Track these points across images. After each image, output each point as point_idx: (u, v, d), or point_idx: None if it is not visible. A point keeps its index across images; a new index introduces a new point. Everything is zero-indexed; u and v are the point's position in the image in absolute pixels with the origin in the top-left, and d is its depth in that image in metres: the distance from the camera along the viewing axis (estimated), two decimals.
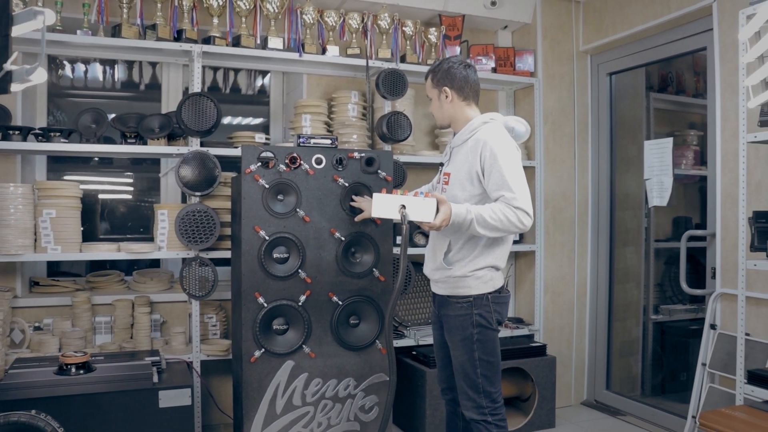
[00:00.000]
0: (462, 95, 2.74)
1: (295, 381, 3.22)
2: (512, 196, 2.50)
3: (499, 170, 2.53)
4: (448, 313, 2.72)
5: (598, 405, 4.54)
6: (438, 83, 2.74)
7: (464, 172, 2.65)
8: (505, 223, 2.49)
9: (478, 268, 2.65)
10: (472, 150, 2.63)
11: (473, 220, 2.46)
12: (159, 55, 3.72)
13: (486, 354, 2.68)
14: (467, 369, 2.68)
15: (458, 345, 2.69)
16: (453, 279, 2.68)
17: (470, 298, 2.65)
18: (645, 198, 4.59)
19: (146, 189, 4.50)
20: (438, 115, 2.81)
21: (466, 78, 2.74)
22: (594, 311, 4.62)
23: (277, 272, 3.17)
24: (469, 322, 2.65)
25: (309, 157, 3.24)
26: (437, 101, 2.77)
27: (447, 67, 2.73)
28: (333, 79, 4.20)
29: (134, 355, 3.31)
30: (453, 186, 2.69)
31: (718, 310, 3.53)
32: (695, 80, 4.94)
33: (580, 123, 4.59)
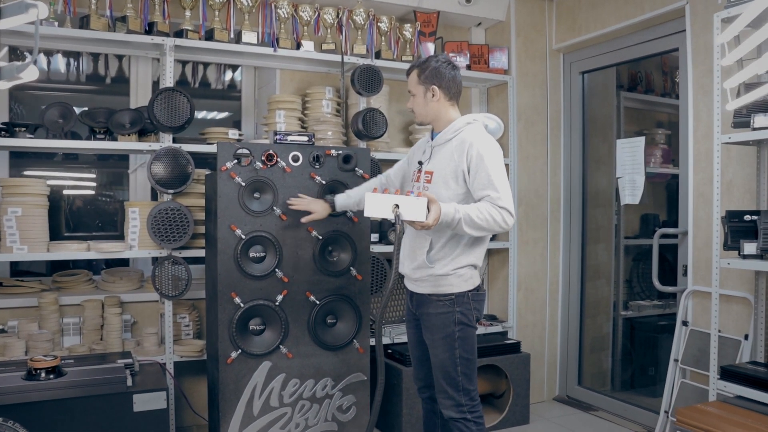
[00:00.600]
0: (449, 95, 2.74)
1: (272, 382, 3.17)
2: (497, 195, 2.53)
3: (485, 170, 2.55)
4: (428, 311, 2.72)
5: (571, 400, 4.59)
6: (426, 81, 2.73)
7: (449, 170, 2.65)
8: (490, 223, 2.51)
9: (460, 266, 2.67)
10: (458, 150, 2.64)
11: (461, 219, 2.47)
12: (129, 48, 3.61)
13: (466, 352, 2.70)
14: (448, 367, 2.69)
15: (439, 343, 2.69)
16: (435, 277, 2.67)
17: (452, 296, 2.67)
18: (615, 195, 4.66)
19: (112, 185, 4.38)
20: (421, 113, 2.79)
21: (454, 78, 2.75)
22: (566, 308, 4.67)
23: (254, 271, 3.12)
24: (451, 320, 2.66)
25: (285, 155, 3.19)
26: (422, 98, 2.76)
27: (436, 66, 2.71)
28: (307, 74, 4.14)
29: (105, 357, 3.21)
30: (437, 184, 2.67)
31: (690, 307, 3.59)
32: (663, 80, 5.02)
33: (552, 121, 4.62)
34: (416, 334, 2.87)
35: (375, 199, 2.40)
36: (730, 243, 2.97)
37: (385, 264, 3.82)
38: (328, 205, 3.08)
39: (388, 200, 2.39)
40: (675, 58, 4.78)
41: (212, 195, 3.18)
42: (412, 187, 2.82)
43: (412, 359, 2.96)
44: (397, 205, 2.38)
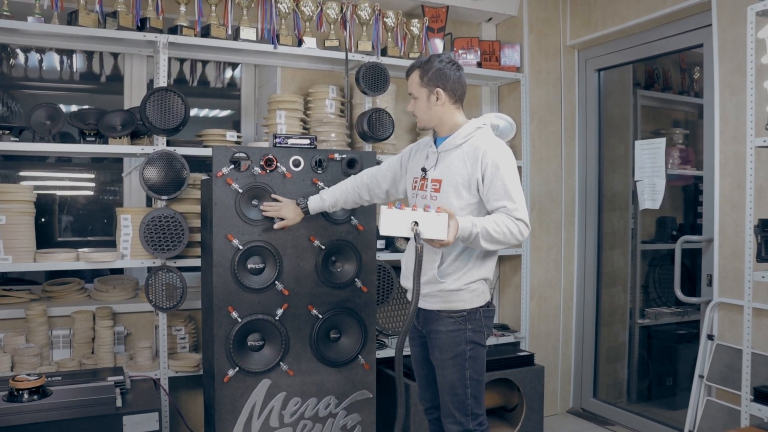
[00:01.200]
0: (454, 98, 2.55)
1: (272, 401, 2.98)
2: (514, 207, 2.38)
3: (501, 180, 2.39)
4: (437, 328, 2.53)
5: (585, 413, 4.39)
6: (429, 83, 2.52)
7: (461, 179, 2.46)
8: (507, 236, 2.35)
9: (472, 280, 2.50)
10: (470, 157, 2.46)
11: (478, 234, 2.31)
12: (120, 45, 3.42)
13: (477, 373, 2.54)
14: (457, 389, 2.51)
15: (448, 363, 2.51)
16: (445, 293, 2.49)
17: (464, 313, 2.49)
18: (632, 199, 4.45)
19: (108, 188, 4.20)
20: (423, 117, 2.59)
21: (459, 80, 2.56)
22: (581, 316, 4.46)
23: (252, 284, 2.93)
24: (462, 339, 2.49)
25: (286, 159, 2.99)
26: (425, 102, 2.55)
27: (440, 67, 2.51)
28: (309, 72, 3.94)
29: (96, 374, 3.02)
30: (447, 194, 2.48)
31: (716, 320, 3.38)
32: (682, 77, 4.81)
33: (567, 121, 4.40)
34: (422, 352, 2.68)
35: (391, 215, 2.21)
36: (764, 254, 2.76)
37: (392, 272, 3.62)
38: (300, 209, 2.89)
39: (407, 217, 2.20)
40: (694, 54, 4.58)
41: (208, 202, 2.99)
42: (415, 195, 2.62)
43: (418, 378, 2.77)
44: (416, 222, 2.19)
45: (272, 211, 2.89)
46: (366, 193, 2.84)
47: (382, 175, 2.82)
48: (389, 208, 2.21)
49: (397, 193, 2.83)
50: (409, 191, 2.68)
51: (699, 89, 4.71)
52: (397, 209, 2.21)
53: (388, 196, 2.84)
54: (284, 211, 2.87)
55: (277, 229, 2.91)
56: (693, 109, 4.95)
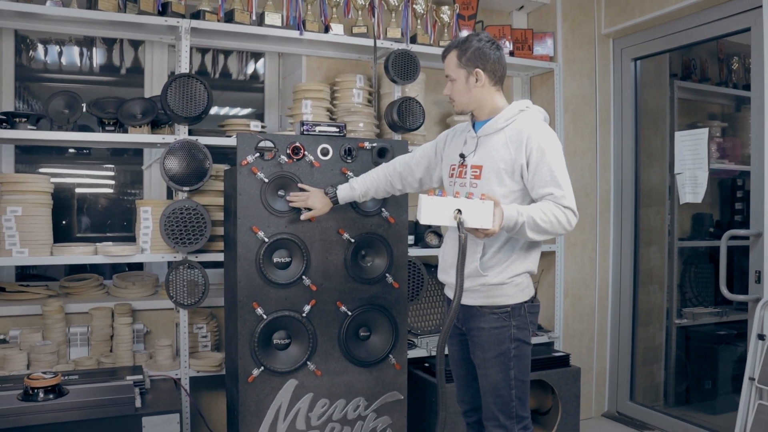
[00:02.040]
0: (494, 79, 2.39)
1: (298, 402, 2.83)
2: (561, 194, 2.22)
3: (547, 165, 2.23)
4: (479, 325, 2.37)
5: (621, 417, 4.20)
6: (467, 63, 2.36)
7: (503, 164, 2.30)
8: (554, 225, 2.19)
9: (516, 273, 2.34)
10: (514, 141, 2.29)
11: (524, 223, 2.14)
12: (141, 31, 3.29)
13: (522, 373, 2.38)
14: (501, 390, 2.35)
15: (492, 362, 2.35)
16: (488, 287, 2.33)
17: (508, 308, 2.33)
18: (668, 194, 4.26)
19: (128, 182, 4.09)
20: (462, 100, 2.42)
21: (500, 60, 2.40)
22: (616, 315, 4.27)
23: (278, 279, 2.78)
24: (506, 336, 2.33)
25: (314, 147, 2.85)
26: (463, 84, 2.39)
27: (479, 46, 2.35)
28: (335, 61, 3.80)
29: (114, 373, 2.89)
30: (488, 180, 2.32)
31: (767, 319, 3.19)
32: (720, 68, 4.61)
33: (602, 112, 4.23)
34: (461, 351, 2.52)
35: (433, 203, 2.05)
36: None
37: (423, 269, 3.47)
38: (329, 199, 2.74)
39: (449, 204, 2.04)
40: (732, 44, 4.39)
41: (232, 193, 2.85)
42: (453, 183, 2.45)
43: (456, 379, 2.61)
44: (459, 210, 2.04)
45: (299, 202, 2.75)
46: (398, 181, 2.69)
47: (415, 162, 2.67)
48: (430, 195, 2.06)
49: (431, 181, 2.67)
50: (446, 179, 2.52)
51: (737, 80, 4.54)
52: (439, 196, 2.06)
53: (421, 184, 2.69)
54: (312, 201, 2.73)
55: (304, 220, 2.77)
56: (730, 101, 4.75)
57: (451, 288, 2.49)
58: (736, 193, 4.51)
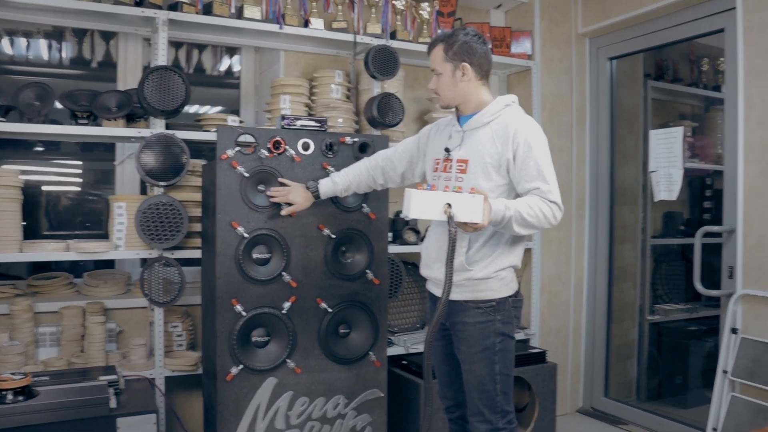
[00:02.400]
0: (480, 73, 2.38)
1: (278, 401, 2.79)
2: (548, 188, 2.23)
3: (534, 159, 2.24)
4: (464, 320, 2.36)
5: (596, 413, 4.23)
6: (454, 57, 2.35)
7: (490, 159, 2.29)
8: (540, 220, 2.20)
9: (501, 268, 2.34)
10: (500, 135, 2.29)
11: (512, 217, 2.14)
12: (116, 22, 3.21)
13: (506, 367, 2.38)
14: (486, 385, 2.35)
15: (477, 357, 2.35)
16: (473, 281, 2.32)
17: (493, 303, 2.33)
18: (642, 192, 4.31)
19: (98, 179, 3.98)
20: (447, 94, 2.41)
21: (486, 54, 2.39)
22: (591, 312, 4.31)
23: (258, 275, 2.74)
24: (491, 330, 2.33)
25: (294, 142, 2.81)
26: (450, 77, 2.38)
27: (465, 40, 2.34)
28: (313, 57, 3.75)
29: (86, 373, 2.81)
30: (474, 175, 2.31)
31: (739, 313, 3.24)
32: (691, 69, 4.69)
33: (578, 111, 4.26)
34: (445, 347, 2.51)
35: (422, 197, 2.03)
36: None
37: (401, 266, 3.45)
38: (311, 194, 2.70)
39: (439, 198, 2.03)
40: (703, 46, 4.47)
41: (210, 188, 2.80)
42: (437, 178, 2.44)
43: (439, 375, 2.59)
44: (449, 204, 2.02)
45: (280, 196, 2.70)
46: (380, 176, 2.67)
47: (398, 157, 2.65)
48: (419, 189, 2.04)
49: (413, 176, 2.66)
50: (430, 174, 2.50)
51: (708, 81, 4.62)
52: (428, 190, 2.04)
53: (403, 179, 2.67)
54: (293, 196, 2.69)
55: (285, 215, 2.73)
56: (700, 102, 4.84)
57: (434, 283, 2.48)
58: (706, 192, 4.60)
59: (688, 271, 4.22)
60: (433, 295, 2.51)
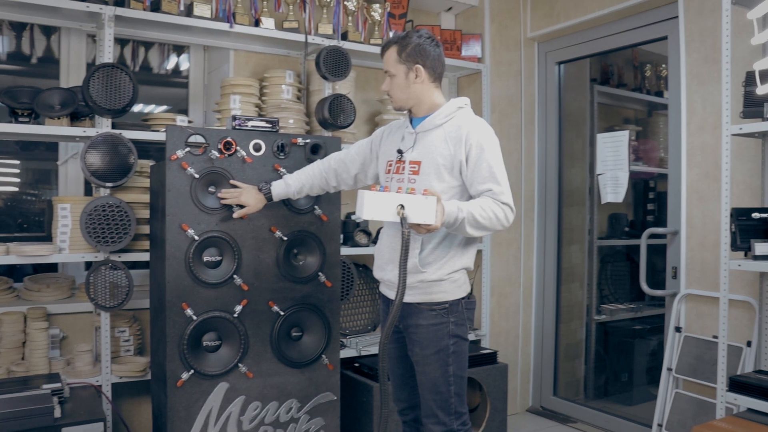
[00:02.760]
0: (433, 75, 2.40)
1: (230, 406, 2.74)
2: (500, 190, 2.24)
3: (486, 161, 2.26)
4: (417, 322, 2.36)
5: (545, 412, 4.31)
6: (407, 59, 2.36)
7: (442, 160, 2.31)
8: (493, 221, 2.22)
9: (454, 270, 2.35)
10: (453, 137, 2.31)
11: (464, 219, 2.16)
12: (59, 17, 3.10)
13: (460, 369, 2.39)
14: (440, 387, 2.35)
15: (430, 359, 2.35)
16: (426, 284, 2.33)
17: (446, 305, 2.34)
18: (588, 194, 4.41)
19: (37, 180, 3.84)
20: (400, 96, 2.41)
21: (439, 57, 2.42)
22: (540, 313, 4.39)
23: (209, 278, 2.68)
24: (445, 332, 2.34)
25: (246, 143, 2.77)
26: (403, 79, 2.38)
27: (419, 42, 2.36)
28: (263, 57, 3.71)
29: (28, 381, 2.70)
30: (427, 176, 2.32)
31: (683, 312, 3.35)
32: (634, 74, 4.83)
33: (527, 114, 4.33)
34: (398, 349, 2.51)
35: (375, 198, 2.03)
36: (739, 243, 2.72)
37: (353, 269, 3.43)
38: (263, 195, 2.67)
39: (392, 200, 2.02)
40: (646, 53, 4.60)
41: (159, 189, 2.73)
42: (390, 179, 2.44)
43: (393, 377, 2.59)
44: (402, 206, 2.02)
45: (231, 198, 2.66)
46: (333, 178, 2.65)
47: (350, 159, 2.64)
48: (372, 190, 2.04)
49: (366, 178, 2.65)
50: (383, 176, 2.50)
51: (650, 86, 4.76)
52: (381, 192, 2.04)
53: (356, 181, 2.66)
54: (244, 198, 2.65)
55: (237, 218, 2.68)
56: (643, 106, 4.99)
57: (387, 285, 2.48)
58: (649, 194, 4.74)
59: (633, 271, 4.35)
60: (386, 298, 2.51)
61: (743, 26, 2.89)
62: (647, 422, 3.57)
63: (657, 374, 3.44)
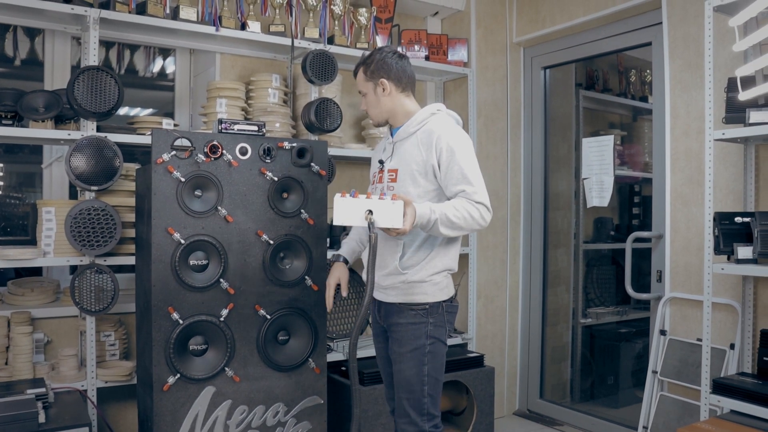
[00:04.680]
0: (400, 86, 2.49)
1: (216, 410, 2.72)
2: (473, 190, 2.30)
3: (457, 164, 2.31)
4: (398, 321, 2.42)
5: (532, 415, 4.32)
6: (372, 76, 2.47)
7: (416, 166, 2.39)
8: (468, 221, 2.27)
9: (435, 272, 2.40)
10: (425, 143, 2.38)
11: (437, 220, 2.21)
12: (43, 19, 3.08)
13: (435, 370, 2.43)
14: (414, 386, 2.39)
15: (406, 357, 2.40)
16: (407, 284, 2.39)
17: (425, 306, 2.40)
18: (574, 198, 4.44)
19: (20, 183, 3.80)
20: (375, 112, 2.52)
21: (403, 68, 2.50)
22: (526, 316, 4.41)
23: (195, 282, 2.67)
24: (422, 332, 2.39)
25: (232, 146, 2.76)
26: (373, 95, 2.50)
27: (380, 57, 2.47)
28: (250, 60, 3.71)
29: (12, 386, 2.68)
30: (404, 182, 2.41)
31: (668, 315, 3.38)
32: (619, 80, 4.87)
33: (513, 118, 4.36)
34: (386, 348, 2.56)
35: (345, 204, 2.10)
36: (722, 247, 2.75)
37: None
38: (342, 263, 2.68)
39: (360, 205, 2.09)
40: (631, 58, 4.65)
41: (145, 192, 2.71)
42: (374, 189, 2.53)
43: (384, 377, 2.65)
44: (370, 211, 2.09)
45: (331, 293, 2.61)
46: None
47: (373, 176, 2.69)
48: (342, 196, 2.09)
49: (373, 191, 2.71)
50: (370, 186, 2.63)
51: (635, 92, 4.81)
52: (351, 197, 2.09)
53: None
54: (333, 279, 2.62)
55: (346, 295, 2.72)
56: (628, 111, 5.03)
57: (377, 288, 2.52)
58: (634, 199, 4.78)
59: (618, 275, 4.38)
60: (374, 299, 2.55)
61: (725, 33, 2.93)
62: (633, 424, 3.59)
63: (642, 377, 3.46)
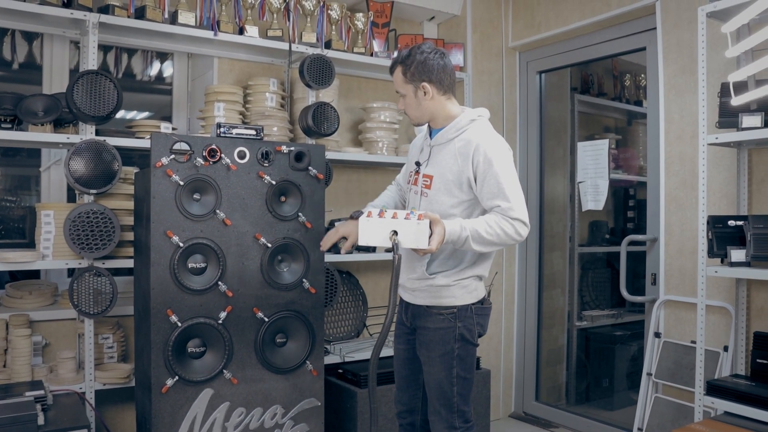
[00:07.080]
0: (442, 89, 2.42)
1: (214, 412, 2.74)
2: (508, 206, 2.25)
3: (494, 177, 2.27)
4: (426, 325, 2.42)
5: (528, 417, 4.35)
6: (413, 78, 2.39)
7: (452, 176, 2.36)
8: (501, 237, 2.24)
9: (464, 277, 2.39)
10: (462, 152, 2.34)
11: (468, 237, 2.20)
12: (42, 23, 3.10)
13: (464, 371, 2.43)
14: (444, 386, 2.41)
15: (436, 361, 2.40)
16: (435, 288, 2.39)
17: (454, 309, 2.38)
18: (570, 202, 4.47)
19: (17, 186, 3.81)
20: (415, 114, 2.47)
21: (445, 68, 2.42)
22: (522, 319, 4.43)
23: (193, 285, 2.69)
24: (451, 336, 2.38)
25: (230, 150, 2.78)
26: (413, 98, 2.43)
27: (422, 59, 2.38)
28: (247, 65, 3.73)
29: (10, 389, 2.69)
30: (438, 191, 2.38)
31: (662, 318, 3.41)
32: (614, 84, 4.91)
33: (508, 122, 4.39)
34: (408, 350, 2.56)
35: (370, 225, 2.09)
36: (716, 250, 2.78)
37: (336, 275, 3.46)
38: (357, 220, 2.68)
39: (385, 226, 2.08)
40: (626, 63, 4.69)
41: (144, 196, 2.73)
42: (410, 190, 2.52)
43: (398, 379, 2.64)
44: (395, 231, 2.07)
45: (332, 237, 2.63)
46: (400, 195, 2.77)
47: (402, 177, 2.73)
48: (368, 217, 2.08)
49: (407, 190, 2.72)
50: (404, 185, 2.62)
51: (630, 96, 4.85)
52: (376, 218, 2.09)
53: None
54: (343, 229, 2.59)
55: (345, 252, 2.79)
56: (623, 115, 5.07)
57: (405, 290, 2.52)
58: (629, 202, 4.81)
59: (614, 278, 4.41)
60: (402, 300, 2.57)
61: (718, 38, 2.96)
62: (628, 426, 3.62)
63: (637, 379, 3.49)
